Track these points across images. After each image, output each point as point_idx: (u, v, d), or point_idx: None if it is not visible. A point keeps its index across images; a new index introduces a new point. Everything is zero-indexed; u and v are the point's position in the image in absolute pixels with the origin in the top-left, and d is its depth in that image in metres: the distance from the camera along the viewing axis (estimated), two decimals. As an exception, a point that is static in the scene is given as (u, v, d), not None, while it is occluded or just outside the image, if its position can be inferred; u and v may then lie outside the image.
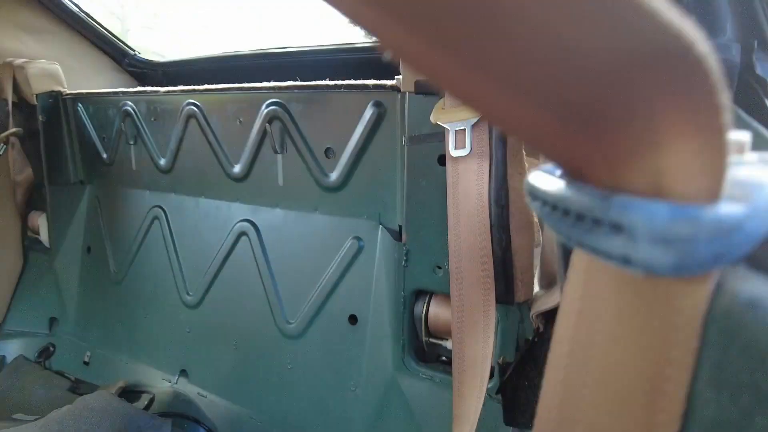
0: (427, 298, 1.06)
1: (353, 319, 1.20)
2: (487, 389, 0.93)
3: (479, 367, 0.90)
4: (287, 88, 1.20)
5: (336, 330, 1.22)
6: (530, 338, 0.94)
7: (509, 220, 0.89)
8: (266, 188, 1.32)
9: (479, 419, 0.89)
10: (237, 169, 1.35)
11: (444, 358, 1.14)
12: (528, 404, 0.89)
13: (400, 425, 1.10)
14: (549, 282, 0.98)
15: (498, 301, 0.91)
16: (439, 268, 1.02)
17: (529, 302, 0.94)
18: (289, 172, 1.27)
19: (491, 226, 0.89)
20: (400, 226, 1.11)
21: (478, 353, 0.91)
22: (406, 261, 1.05)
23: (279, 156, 1.27)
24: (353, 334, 1.20)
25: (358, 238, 1.19)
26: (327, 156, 1.20)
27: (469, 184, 0.90)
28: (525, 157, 0.94)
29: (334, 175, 1.19)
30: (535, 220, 0.99)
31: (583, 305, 0.27)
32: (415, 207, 1.02)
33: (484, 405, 0.91)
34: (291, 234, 1.29)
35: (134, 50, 2.00)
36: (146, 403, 1.44)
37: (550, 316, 0.93)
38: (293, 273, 1.29)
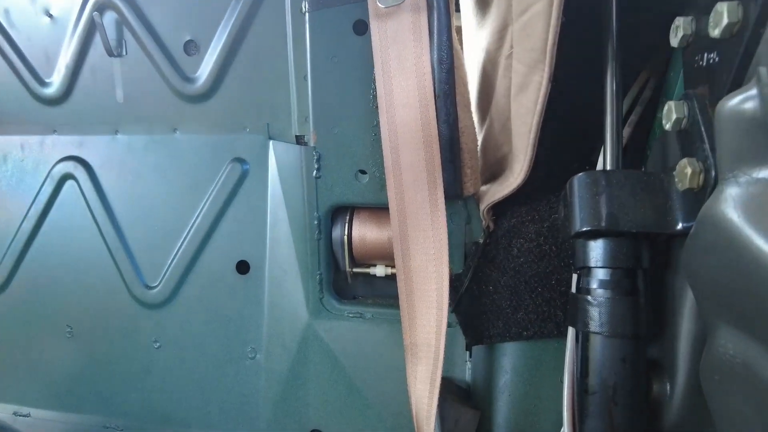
0: (348, 217, 0.84)
1: (243, 266, 0.92)
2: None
3: (433, 279, 0.71)
4: (121, -41, 0.88)
5: (220, 284, 0.93)
6: (481, 240, 0.78)
7: (456, 88, 0.71)
8: (99, 109, 0.96)
9: None
10: (51, 87, 0.97)
11: (360, 297, 0.93)
12: (499, 312, 0.73)
13: (324, 383, 0.86)
14: (493, 173, 0.83)
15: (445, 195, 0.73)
16: (363, 173, 0.80)
17: (476, 196, 0.78)
18: (132, 82, 0.94)
19: (435, 97, 0.70)
20: (298, 137, 0.87)
21: (429, 263, 0.72)
22: (317, 170, 0.81)
23: (116, 60, 0.93)
24: (245, 285, 0.92)
25: (241, 160, 0.91)
26: (187, 53, 0.90)
27: (403, 46, 0.70)
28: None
29: (199, 79, 0.90)
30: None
31: None
32: (326, 95, 0.79)
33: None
34: (140, 168, 0.96)
35: None
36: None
37: (499, 211, 0.78)
38: (149, 221, 0.96)
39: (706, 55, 0.51)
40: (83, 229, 0.97)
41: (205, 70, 0.89)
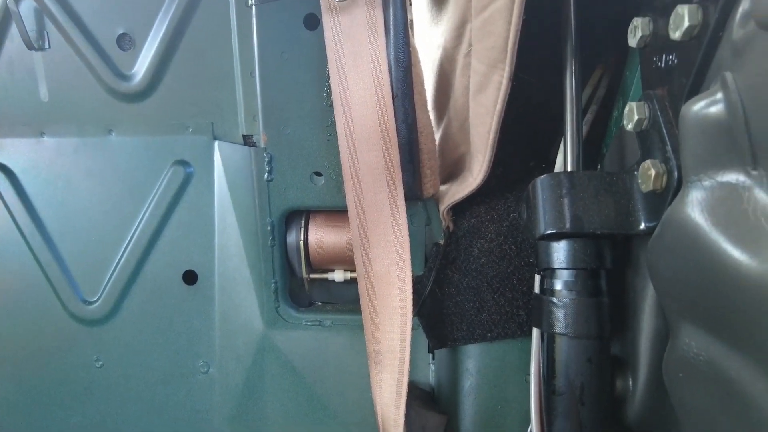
0: (303, 222, 0.81)
1: (191, 276, 0.87)
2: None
3: (396, 283, 0.69)
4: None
5: (166, 296, 0.87)
6: (441, 241, 0.77)
7: (413, 87, 0.69)
8: (19, 108, 0.87)
9: None
10: (-40, 84, 0.87)
11: (319, 303, 0.90)
12: (463, 314, 0.72)
13: (283, 395, 0.83)
14: (451, 173, 0.81)
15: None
16: (318, 175, 0.77)
17: (435, 197, 0.77)
18: (58, 79, 0.85)
19: (393, 97, 0.68)
20: (245, 137, 0.82)
21: (391, 267, 0.70)
22: (269, 173, 0.77)
23: (38, 55, 0.84)
24: (193, 296, 0.86)
25: (184, 163, 0.85)
26: (121, 47, 0.83)
27: (358, 43, 0.67)
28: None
29: (136, 76, 0.83)
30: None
31: None
32: (275, 93, 0.75)
33: None
34: (72, 173, 0.88)
35: None
36: None
37: (458, 212, 0.77)
38: (84, 231, 0.88)
39: (664, 56, 0.51)
40: (7, 243, 0.88)
41: (141, 66, 0.82)
